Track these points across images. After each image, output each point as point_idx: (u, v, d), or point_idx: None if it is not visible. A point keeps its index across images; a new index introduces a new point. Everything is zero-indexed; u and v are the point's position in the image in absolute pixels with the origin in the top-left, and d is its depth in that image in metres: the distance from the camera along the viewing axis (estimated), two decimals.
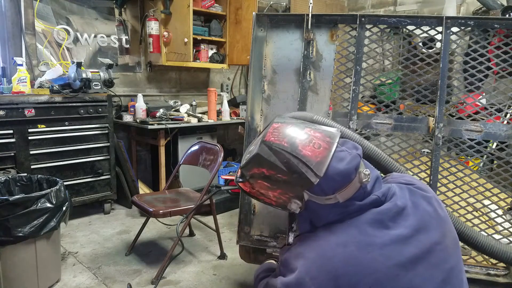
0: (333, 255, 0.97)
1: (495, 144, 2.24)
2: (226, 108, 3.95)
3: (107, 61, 3.31)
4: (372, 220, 1.01)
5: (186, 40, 3.56)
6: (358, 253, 0.96)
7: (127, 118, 3.60)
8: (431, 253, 1.00)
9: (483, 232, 1.82)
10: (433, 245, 1.01)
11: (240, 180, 1.17)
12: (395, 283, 0.94)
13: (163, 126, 3.40)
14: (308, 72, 1.92)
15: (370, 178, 1.05)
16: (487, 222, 1.85)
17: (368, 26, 1.92)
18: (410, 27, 1.90)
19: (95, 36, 3.61)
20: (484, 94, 2.03)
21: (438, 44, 1.89)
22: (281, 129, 1.09)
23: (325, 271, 0.96)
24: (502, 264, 1.74)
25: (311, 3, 1.92)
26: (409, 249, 0.98)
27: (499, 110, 1.92)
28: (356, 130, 1.92)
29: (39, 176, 2.38)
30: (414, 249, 0.98)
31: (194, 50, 3.81)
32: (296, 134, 1.06)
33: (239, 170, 1.17)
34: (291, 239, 1.18)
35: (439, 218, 1.06)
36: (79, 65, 3.04)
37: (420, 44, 2.19)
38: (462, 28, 1.88)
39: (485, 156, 1.92)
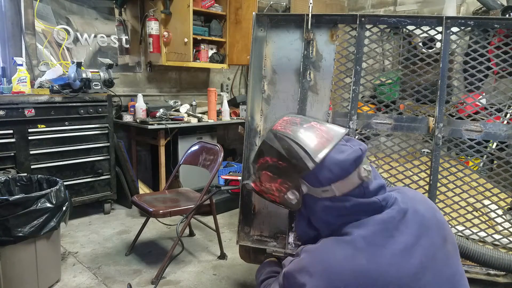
0: (341, 270, 0.93)
1: (495, 144, 2.24)
2: (226, 108, 3.95)
3: (107, 61, 3.30)
4: (378, 230, 0.98)
5: (186, 40, 3.56)
6: (368, 265, 0.93)
7: (127, 118, 3.60)
8: (435, 259, 0.97)
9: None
10: (436, 251, 0.98)
11: (251, 180, 1.18)
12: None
13: (163, 126, 3.41)
14: (308, 72, 1.92)
15: (374, 180, 1.02)
16: (487, 222, 1.85)
17: (368, 26, 1.92)
18: (410, 27, 1.90)
19: (95, 36, 3.61)
20: (484, 94, 2.03)
21: (438, 44, 1.89)
22: (289, 120, 1.12)
23: (334, 287, 0.93)
24: None
25: (311, 3, 1.92)
26: (415, 258, 0.95)
27: (499, 110, 1.92)
28: (356, 130, 1.92)
29: (39, 176, 2.38)
30: (420, 257, 0.96)
31: (194, 50, 3.81)
32: (302, 125, 1.08)
33: (250, 167, 1.18)
34: (291, 239, 1.18)
35: (439, 222, 1.04)
36: (79, 65, 3.04)
37: (420, 44, 2.20)
38: (462, 28, 1.88)
39: (485, 156, 1.92)
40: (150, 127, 3.35)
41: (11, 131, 2.76)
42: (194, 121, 3.64)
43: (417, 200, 1.08)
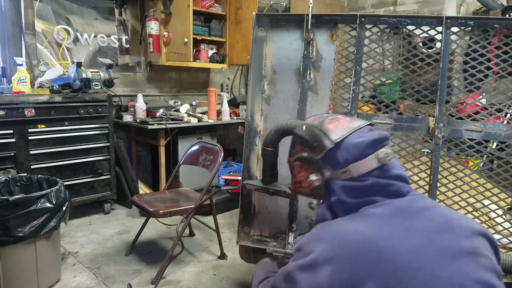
0: (351, 239, 0.93)
1: (495, 144, 2.24)
2: (226, 108, 3.95)
3: (107, 61, 3.30)
4: (394, 212, 0.97)
5: (186, 40, 3.56)
6: (377, 237, 0.92)
7: (127, 118, 3.60)
8: (460, 258, 0.91)
9: None
10: (461, 251, 0.92)
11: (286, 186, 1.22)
12: (418, 272, 0.87)
13: (163, 126, 3.40)
14: (308, 72, 1.92)
15: (395, 168, 1.02)
16: (487, 222, 1.85)
17: (368, 26, 1.92)
18: (410, 27, 1.90)
19: (95, 36, 3.61)
20: (484, 94, 2.03)
21: (438, 44, 1.89)
22: (318, 116, 1.20)
23: (343, 252, 0.92)
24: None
25: (311, 3, 1.92)
26: (438, 243, 0.92)
27: (499, 110, 1.92)
28: None
29: (39, 176, 2.38)
30: (444, 244, 0.92)
31: (194, 50, 3.81)
32: (328, 117, 1.15)
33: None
34: (291, 239, 1.18)
35: (461, 227, 0.99)
36: (79, 65, 3.03)
37: (420, 44, 2.20)
38: (462, 28, 1.88)
39: (485, 156, 1.92)
40: (150, 127, 3.34)
41: (11, 131, 2.75)
42: (194, 121, 3.64)
43: (455, 214, 1.05)
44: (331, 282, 0.89)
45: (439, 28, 1.85)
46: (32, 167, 2.86)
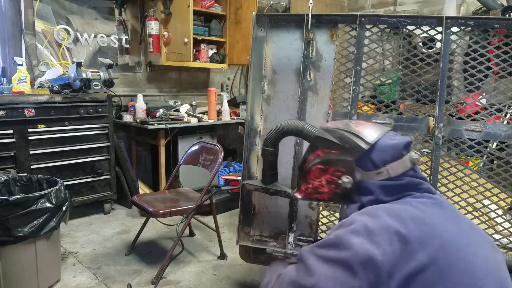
0: (396, 213, 0.93)
1: (495, 144, 2.24)
2: (226, 108, 3.95)
3: (107, 61, 3.30)
4: (430, 202, 0.99)
5: (186, 40, 3.56)
6: (423, 215, 0.93)
7: (127, 118, 3.60)
8: (495, 253, 0.97)
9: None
10: (486, 245, 0.97)
11: (293, 191, 1.21)
12: (464, 252, 0.89)
13: (163, 126, 3.41)
14: (308, 72, 1.92)
15: (417, 165, 1.05)
16: (487, 222, 1.85)
17: (368, 26, 1.92)
18: (410, 27, 1.90)
19: (95, 36, 3.61)
20: (484, 94, 2.03)
21: (438, 44, 1.89)
22: (336, 121, 1.22)
23: (395, 223, 0.90)
24: None
25: (311, 3, 1.92)
26: (474, 235, 0.96)
27: (499, 110, 1.92)
28: None
29: (39, 176, 2.38)
30: (470, 235, 0.95)
31: (194, 50, 3.81)
32: (350, 121, 1.16)
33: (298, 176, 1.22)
34: (291, 239, 1.18)
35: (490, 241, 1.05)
36: (79, 65, 3.03)
37: (420, 44, 2.20)
38: (462, 28, 1.88)
39: (485, 156, 1.92)
40: (150, 127, 3.34)
41: (11, 131, 2.75)
42: (194, 121, 3.64)
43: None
44: (386, 249, 0.85)
45: (439, 28, 1.85)
46: (32, 167, 2.86)
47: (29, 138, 2.84)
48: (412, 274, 0.83)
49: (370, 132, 1.07)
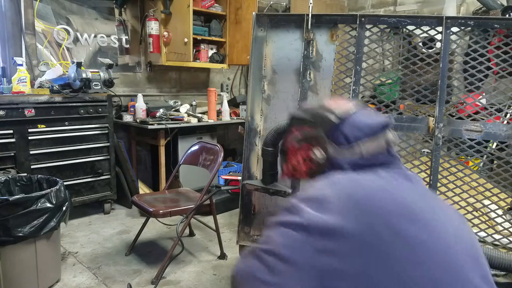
0: (356, 181, 0.91)
1: (495, 144, 2.24)
2: (226, 108, 3.95)
3: (107, 61, 3.30)
4: (398, 175, 0.97)
5: (186, 40, 3.56)
6: (386, 185, 0.91)
7: (127, 118, 3.60)
8: (460, 227, 0.91)
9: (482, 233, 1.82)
10: (460, 225, 0.92)
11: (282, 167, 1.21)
12: (424, 217, 0.85)
13: (163, 126, 3.40)
14: (308, 72, 1.92)
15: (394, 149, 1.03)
16: (487, 222, 1.85)
17: (368, 26, 1.92)
18: (410, 27, 1.90)
19: (95, 36, 3.61)
20: (484, 94, 2.03)
21: (438, 44, 1.89)
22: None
23: (345, 191, 0.88)
24: None
25: (311, 3, 1.92)
26: (440, 207, 0.92)
27: (499, 110, 1.92)
28: None
29: (39, 176, 2.38)
30: (440, 210, 0.91)
31: (194, 50, 3.81)
32: (326, 100, 1.14)
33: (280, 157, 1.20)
34: None
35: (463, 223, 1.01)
36: (79, 65, 3.03)
37: (420, 44, 2.20)
38: (462, 28, 1.88)
39: (485, 156, 1.92)
40: (150, 127, 3.34)
41: (11, 131, 2.75)
42: (194, 121, 3.64)
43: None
44: (341, 221, 0.81)
45: (439, 28, 1.85)
46: (32, 167, 2.86)
47: (29, 138, 2.84)
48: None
49: (343, 107, 1.05)
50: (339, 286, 0.75)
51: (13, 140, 2.77)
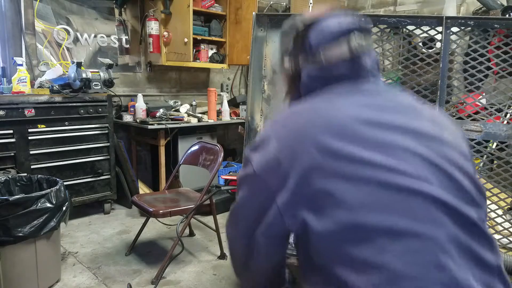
0: (296, 110, 0.90)
1: (495, 144, 2.24)
2: (226, 108, 3.95)
3: (107, 61, 3.30)
4: (355, 89, 0.89)
5: (186, 40, 3.56)
6: (321, 106, 0.87)
7: (127, 118, 3.60)
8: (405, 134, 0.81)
9: None
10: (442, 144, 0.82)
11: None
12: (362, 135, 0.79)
13: (163, 126, 3.41)
14: None
15: (371, 61, 0.92)
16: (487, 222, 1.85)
17: None
18: (410, 27, 1.90)
19: (95, 36, 3.61)
20: (484, 94, 2.03)
21: (438, 44, 1.89)
22: None
23: (287, 122, 0.88)
24: None
25: (311, 3, 1.92)
26: (385, 117, 0.82)
27: (499, 110, 1.92)
28: None
29: (39, 176, 2.38)
30: (391, 120, 0.82)
31: (194, 50, 3.81)
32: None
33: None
34: (291, 239, 1.15)
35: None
36: (79, 65, 3.03)
37: (420, 44, 2.20)
38: (462, 28, 1.88)
39: (485, 156, 1.92)
40: (150, 127, 3.35)
41: (11, 131, 2.75)
42: (194, 121, 3.64)
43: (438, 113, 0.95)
44: (277, 154, 0.82)
45: (439, 28, 1.85)
46: (32, 167, 2.86)
47: (29, 138, 2.84)
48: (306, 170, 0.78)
49: (315, 14, 0.96)
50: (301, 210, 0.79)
51: (13, 140, 2.77)
